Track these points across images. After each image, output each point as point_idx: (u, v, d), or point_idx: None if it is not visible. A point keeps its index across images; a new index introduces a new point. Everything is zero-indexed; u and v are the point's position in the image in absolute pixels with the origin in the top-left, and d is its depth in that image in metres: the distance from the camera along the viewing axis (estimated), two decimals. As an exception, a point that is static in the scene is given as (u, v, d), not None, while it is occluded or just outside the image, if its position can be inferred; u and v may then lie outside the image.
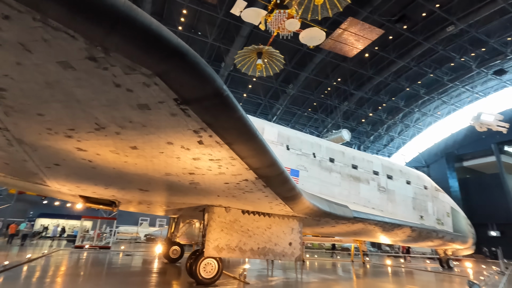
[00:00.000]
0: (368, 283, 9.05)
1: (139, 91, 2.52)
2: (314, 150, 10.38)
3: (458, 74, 27.04)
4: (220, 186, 5.32)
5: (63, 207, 24.70)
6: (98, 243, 15.67)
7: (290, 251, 7.47)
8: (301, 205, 6.73)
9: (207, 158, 4.01)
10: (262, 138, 3.68)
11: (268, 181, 4.92)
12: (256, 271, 10.19)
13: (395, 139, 39.61)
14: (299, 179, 9.75)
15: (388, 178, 11.89)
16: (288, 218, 7.75)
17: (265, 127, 9.64)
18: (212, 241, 6.64)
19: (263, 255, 7.09)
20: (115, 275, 7.61)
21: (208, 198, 6.36)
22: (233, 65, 22.56)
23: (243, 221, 7.12)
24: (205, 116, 2.88)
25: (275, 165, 4.36)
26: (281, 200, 6.14)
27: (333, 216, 8.43)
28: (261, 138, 3.66)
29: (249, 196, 5.94)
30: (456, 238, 13.42)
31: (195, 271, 6.54)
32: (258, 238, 7.15)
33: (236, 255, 6.79)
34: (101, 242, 15.82)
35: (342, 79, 27.51)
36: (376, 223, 9.89)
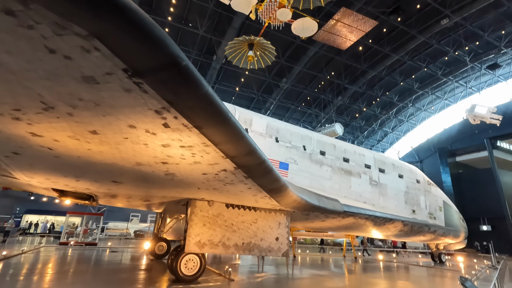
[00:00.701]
0: (358, 279, 8.82)
1: (80, 59, 2.13)
2: (305, 142, 10.07)
3: (452, 68, 26.92)
4: (199, 177, 4.96)
5: (51, 203, 24.10)
6: (84, 240, 15.23)
7: (277, 246, 7.17)
8: (287, 199, 6.42)
9: (178, 145, 3.65)
10: (236, 122, 3.33)
11: (248, 171, 4.58)
12: (246, 267, 9.90)
13: (389, 134, 39.57)
14: (289, 172, 9.45)
15: (380, 172, 11.65)
16: (275, 212, 7.44)
17: (254, 119, 9.31)
18: (194, 237, 6.29)
19: (248, 251, 6.77)
20: (92, 273, 7.24)
21: (188, 191, 6.00)
22: (225, 58, 22.13)
23: (227, 216, 6.78)
24: (164, 93, 2.51)
25: (254, 153, 4.02)
26: (265, 193, 5.82)
27: (323, 210, 8.14)
28: (235, 121, 3.30)
29: (231, 189, 5.61)
30: (448, 232, 13.30)
31: (176, 267, 6.21)
32: (243, 233, 6.83)
33: (219, 251, 6.47)
34: (88, 239, 15.39)
35: (336, 73, 27.20)
36: (367, 217, 9.64)
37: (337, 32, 16.50)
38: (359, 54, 24.88)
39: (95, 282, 6.10)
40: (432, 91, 30.95)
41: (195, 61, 25.03)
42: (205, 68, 25.62)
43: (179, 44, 23.34)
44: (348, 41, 17.52)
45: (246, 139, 3.67)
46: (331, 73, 26.88)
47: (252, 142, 3.88)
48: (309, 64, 25.44)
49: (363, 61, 25.41)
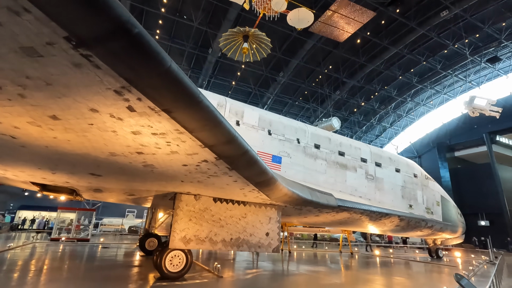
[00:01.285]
0: (352, 275, 8.59)
1: (10, 24, 1.82)
2: (298, 135, 9.79)
3: (451, 62, 26.56)
4: (180, 169, 4.67)
5: (45, 199, 23.76)
6: (76, 236, 14.98)
7: (267, 242, 6.91)
8: (277, 192, 6.14)
9: (149, 132, 3.35)
10: (210, 105, 3.03)
11: (231, 162, 4.30)
12: (240, 263, 9.66)
13: (387, 130, 39.29)
14: (282, 166, 9.18)
15: (377, 166, 11.39)
16: (265, 206, 7.17)
17: (245, 111, 9.00)
18: (179, 232, 6.02)
19: (236, 247, 6.51)
20: (75, 270, 6.98)
21: (172, 185, 5.72)
22: (220, 51, 21.70)
23: (214, 210, 6.51)
24: (118, 68, 2.20)
25: (234, 142, 3.72)
26: (253, 186, 5.54)
27: (316, 204, 7.88)
28: (209, 105, 3.00)
29: (216, 182, 5.33)
30: (445, 227, 13.08)
31: (160, 264, 5.95)
32: (231, 228, 6.56)
33: (206, 247, 6.20)
34: (80, 235, 15.15)
35: (334, 67, 26.81)
36: (362, 212, 9.39)
37: (334, 23, 16.14)
38: (357, 47, 24.48)
39: (75, 279, 5.84)
40: (431, 86, 30.61)
41: (190, 54, 24.62)
42: (200, 62, 25.22)
43: (174, 37, 22.95)
44: (345, 33, 17.17)
45: (224, 125, 3.37)
46: (329, 66, 26.49)
47: (232, 129, 3.58)
48: (307, 57, 25.05)
49: (361, 55, 25.02)
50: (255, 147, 8.86)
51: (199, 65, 25.63)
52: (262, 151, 8.92)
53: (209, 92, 8.78)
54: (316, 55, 24.95)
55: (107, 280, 5.88)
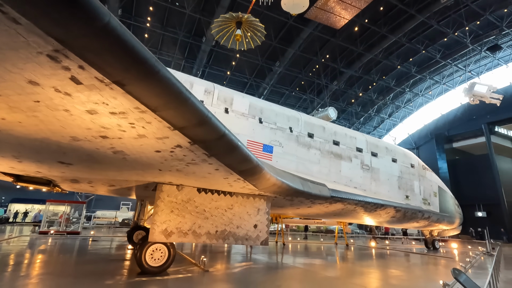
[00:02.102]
0: (345, 268, 8.30)
1: None
2: (291, 124, 9.39)
3: (451, 51, 26.00)
4: (154, 157, 4.28)
5: (38, 192, 23.39)
6: (67, 229, 14.66)
7: (255, 234, 6.57)
8: (265, 182, 5.77)
9: (107, 111, 2.94)
10: (173, 77, 2.62)
11: (208, 148, 3.90)
12: (233, 255, 9.37)
13: (385, 121, 38.90)
14: (273, 155, 8.81)
15: (373, 156, 11.03)
16: (253, 197, 6.81)
17: (234, 97, 8.58)
18: (159, 224, 5.66)
19: (222, 239, 6.16)
20: (54, 264, 6.64)
21: (151, 174, 5.33)
22: (215, 40, 21.07)
23: (198, 201, 6.14)
24: (40, 21, 1.77)
25: (207, 123, 3.32)
26: (237, 175, 5.16)
27: (307, 195, 7.53)
28: (171, 77, 2.59)
29: (197, 170, 4.94)
30: (442, 218, 12.82)
31: (140, 258, 5.60)
32: (216, 220, 6.20)
33: (189, 240, 5.85)
34: (70, 228, 14.83)
35: (331, 56, 26.22)
36: (357, 203, 9.07)
37: (330, 9, 15.56)
38: (355, 36, 23.88)
39: (50, 274, 5.49)
40: (430, 76, 30.10)
41: (183, 43, 23.97)
42: (194, 51, 24.58)
43: (166, 25, 22.26)
44: (342, 19, 16.60)
45: (192, 103, 2.96)
46: (326, 56, 25.90)
47: (204, 108, 3.17)
48: (303, 46, 24.43)
49: (359, 43, 24.43)
50: (245, 136, 8.48)
51: (193, 54, 24.99)
52: (253, 140, 8.54)
53: (196, 78, 8.33)
54: (313, 44, 24.34)
55: (84, 275, 5.54)
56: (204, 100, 8.04)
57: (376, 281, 6.46)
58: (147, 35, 22.36)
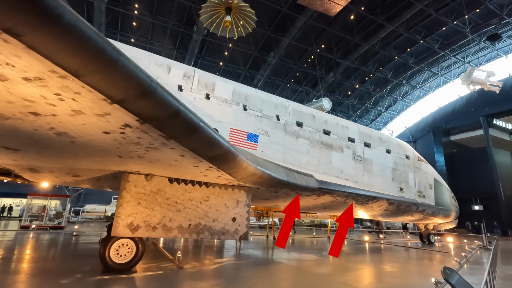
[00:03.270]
0: (337, 264, 7.83)
1: None
2: (279, 112, 8.85)
3: (450, 41, 25.34)
4: (105, 139, 3.73)
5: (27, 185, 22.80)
6: (50, 223, 14.14)
7: (233, 228, 6.05)
8: (242, 171, 5.24)
9: (18, 76, 2.39)
10: (89, 27, 2.05)
11: (162, 127, 3.35)
12: (217, 250, 8.88)
13: (383, 114, 38.36)
14: (258, 145, 8.28)
15: (366, 146, 10.51)
16: (232, 188, 6.28)
17: (217, 83, 8.03)
18: (124, 217, 5.13)
19: (196, 234, 5.65)
20: (17, 260, 6.12)
21: (111, 162, 4.79)
22: (206, 29, 20.32)
23: (170, 192, 5.61)
24: None
25: (153, 94, 2.77)
26: (207, 162, 4.62)
27: (293, 186, 7.03)
28: (87, 26, 2.02)
29: (161, 157, 4.40)
30: (438, 211, 12.38)
31: (104, 255, 5.09)
32: (190, 213, 5.68)
33: (158, 234, 5.33)
34: (54, 222, 14.31)
35: (327, 46, 25.52)
36: (347, 195, 8.58)
37: (324, -6, 14.87)
38: (351, 25, 23.17)
39: (5, 272, 4.97)
40: (428, 67, 29.48)
41: (174, 32, 23.19)
42: (186, 41, 23.83)
43: (156, 14, 21.46)
44: (336, 6, 15.92)
45: (125, 66, 2.40)
46: (322, 46, 25.19)
47: (145, 75, 2.62)
48: (298, 36, 23.70)
49: (355, 33, 23.72)
50: (228, 123, 7.92)
51: (185, 44, 24.25)
52: (236, 128, 7.99)
53: (175, 61, 7.72)
54: (308, 34, 23.62)
55: (43, 272, 5.03)
56: (183, 85, 7.47)
57: (365, 278, 5.99)
58: (136, 23, 21.59)
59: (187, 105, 8.00)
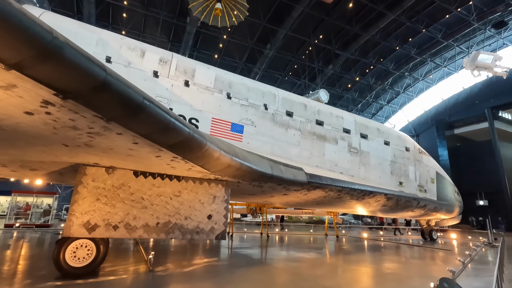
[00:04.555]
0: (327, 265, 7.21)
1: None
2: (266, 100, 8.21)
3: (453, 30, 24.38)
4: (34, 123, 3.11)
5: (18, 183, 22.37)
6: (36, 221, 13.63)
7: (209, 227, 5.43)
8: (215, 163, 4.61)
9: None
10: None
11: (90, 103, 2.70)
12: (205, 250, 8.30)
13: (384, 107, 37.47)
14: (244, 136, 7.67)
15: (362, 138, 9.84)
16: (208, 182, 5.65)
17: (197, 69, 7.41)
18: (79, 216, 4.53)
19: (165, 233, 5.03)
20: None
21: (60, 152, 4.17)
22: (200, 21, 19.58)
23: (135, 187, 4.99)
24: None
25: (61, 55, 2.12)
26: (169, 151, 3.97)
27: (278, 180, 6.38)
28: None
29: (112, 145, 3.79)
30: (440, 207, 11.70)
31: (57, 257, 4.49)
32: (158, 210, 5.06)
33: (121, 234, 4.72)
34: (40, 220, 13.81)
35: (326, 37, 24.67)
36: (340, 189, 7.92)
37: (320, -21, 14.06)
38: (350, 15, 22.33)
39: None
40: (431, 58, 28.52)
41: (167, 24, 22.49)
42: (179, 34, 23.12)
43: (148, 5, 20.76)
44: (333, -9, 15.11)
45: (15, 14, 1.76)
46: (320, 36, 24.35)
47: (44, 28, 1.97)
48: (295, 26, 22.88)
49: (354, 23, 22.87)
50: (209, 113, 7.29)
51: (179, 37, 23.54)
52: (219, 118, 7.38)
53: (150, 45, 7.08)
54: (306, 24, 22.81)
55: None
56: (158, 71, 6.86)
57: (356, 282, 5.35)
58: (126, 15, 20.90)
59: (164, 93, 7.29)
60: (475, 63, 12.10)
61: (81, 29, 6.29)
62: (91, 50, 6.21)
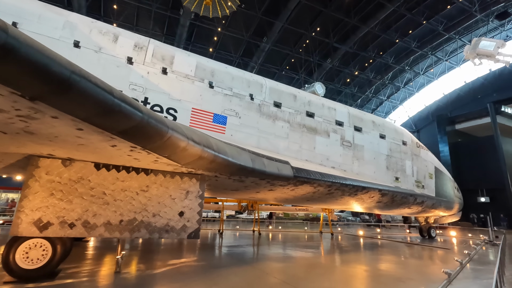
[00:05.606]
0: (312, 266, 6.75)
1: None
2: (252, 90, 7.72)
3: (455, 22, 23.68)
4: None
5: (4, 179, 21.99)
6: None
7: (180, 225, 4.96)
8: (181, 154, 4.12)
9: None
10: None
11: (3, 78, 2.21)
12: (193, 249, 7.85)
13: (384, 103, 36.82)
14: (227, 127, 7.19)
15: (356, 131, 9.33)
16: (180, 176, 5.17)
17: (176, 55, 6.92)
18: (29, 212, 4.07)
19: (129, 232, 4.57)
20: None
21: (3, 141, 3.69)
22: (194, 13, 19.04)
23: (96, 181, 4.51)
24: None
25: None
26: (123, 139, 3.48)
27: (260, 174, 5.88)
28: None
29: (55, 131, 3.29)
30: (439, 203, 11.19)
31: (6, 259, 4.04)
32: (122, 206, 4.59)
33: (78, 233, 4.26)
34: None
35: (324, 30, 24.04)
36: (330, 184, 7.43)
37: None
38: (349, 6, 21.68)
39: None
40: (432, 52, 27.82)
41: (160, 16, 21.94)
42: (173, 27, 22.56)
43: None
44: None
45: None
46: (317, 29, 23.72)
47: None
48: (292, 19, 22.27)
49: (353, 15, 22.22)
50: (189, 102, 6.79)
51: (172, 30, 22.99)
52: (200, 109, 6.90)
53: (124, 30, 6.58)
54: (303, 16, 22.19)
55: None
56: (133, 57, 6.36)
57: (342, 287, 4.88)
58: (117, 7, 20.36)
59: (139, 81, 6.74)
60: (476, 50, 11.45)
61: (46, 11, 5.79)
62: (56, 34, 5.75)
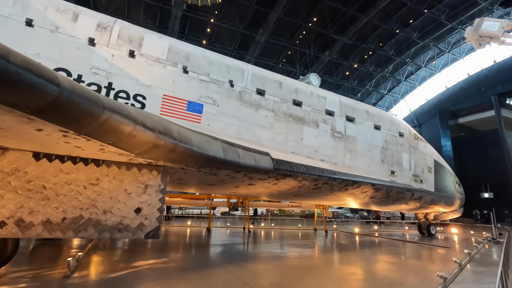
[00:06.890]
0: (303, 268, 6.15)
1: None
2: (232, 76, 7.09)
3: (457, 10, 22.80)
4: None
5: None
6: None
7: (137, 223, 4.36)
8: (129, 140, 3.49)
9: None
10: None
11: None
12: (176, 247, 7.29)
13: (385, 97, 35.97)
14: (203, 116, 6.58)
15: (348, 121, 8.68)
16: (139, 168, 4.55)
17: (146, 37, 6.31)
18: (-52, 209, 3.48)
19: (74, 231, 3.97)
20: None
21: None
22: (185, 3, 18.37)
23: (34, 173, 3.91)
24: None
25: None
26: (42, 120, 2.85)
27: (233, 166, 5.26)
28: None
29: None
30: (438, 199, 10.53)
31: None
32: (66, 202, 3.99)
33: (9, 233, 3.67)
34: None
35: (321, 21, 23.24)
36: (317, 178, 6.80)
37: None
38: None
39: None
40: (434, 43, 26.93)
41: (152, 8, 21.26)
42: (165, 18, 21.89)
43: (129, -14, 19.55)
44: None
45: None
46: (314, 19, 22.92)
47: None
48: (288, 9, 21.49)
49: (351, 4, 21.41)
50: (160, 89, 6.14)
51: (165, 22, 22.32)
52: (172, 96, 6.29)
53: (83, 8, 5.95)
54: (299, 7, 21.42)
55: None
56: (95, 38, 5.73)
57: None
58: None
59: (102, 64, 6.09)
60: (479, 31, 10.63)
61: (-7, -15, 5.18)
62: (6, 11, 5.15)
